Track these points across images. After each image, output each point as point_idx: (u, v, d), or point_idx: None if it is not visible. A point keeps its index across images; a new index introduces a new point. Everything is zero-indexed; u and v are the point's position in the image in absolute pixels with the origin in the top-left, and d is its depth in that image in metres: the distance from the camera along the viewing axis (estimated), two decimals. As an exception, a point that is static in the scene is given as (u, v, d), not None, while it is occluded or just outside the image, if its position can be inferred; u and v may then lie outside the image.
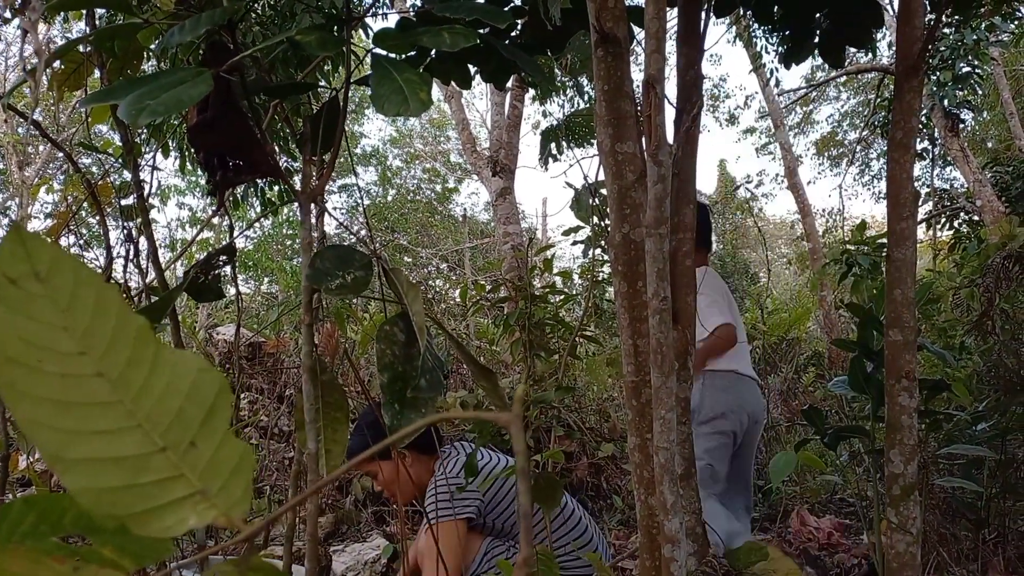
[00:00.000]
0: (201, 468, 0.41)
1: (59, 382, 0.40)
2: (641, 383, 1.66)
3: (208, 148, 0.98)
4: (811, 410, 2.44)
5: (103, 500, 0.39)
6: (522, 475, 0.36)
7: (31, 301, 0.41)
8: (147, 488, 0.40)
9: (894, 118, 1.77)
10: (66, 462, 0.39)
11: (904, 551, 1.62)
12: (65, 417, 0.40)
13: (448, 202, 23.11)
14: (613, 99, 1.62)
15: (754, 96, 20.41)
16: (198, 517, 0.40)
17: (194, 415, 0.42)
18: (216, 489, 0.41)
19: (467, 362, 0.92)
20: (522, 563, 0.34)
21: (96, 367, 0.41)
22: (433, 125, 23.64)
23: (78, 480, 0.39)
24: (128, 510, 0.39)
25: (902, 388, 1.67)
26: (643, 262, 1.60)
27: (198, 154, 0.99)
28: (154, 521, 0.40)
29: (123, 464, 0.40)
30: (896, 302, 1.70)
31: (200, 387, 0.43)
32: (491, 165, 7.36)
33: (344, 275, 0.93)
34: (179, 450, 0.41)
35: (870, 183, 18.32)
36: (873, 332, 2.34)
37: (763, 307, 5.90)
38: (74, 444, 0.39)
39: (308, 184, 1.02)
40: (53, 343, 0.41)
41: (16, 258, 0.41)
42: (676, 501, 1.50)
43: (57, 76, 1.97)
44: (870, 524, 2.98)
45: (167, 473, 0.41)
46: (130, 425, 0.41)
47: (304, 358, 1.00)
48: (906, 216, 1.70)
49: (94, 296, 0.43)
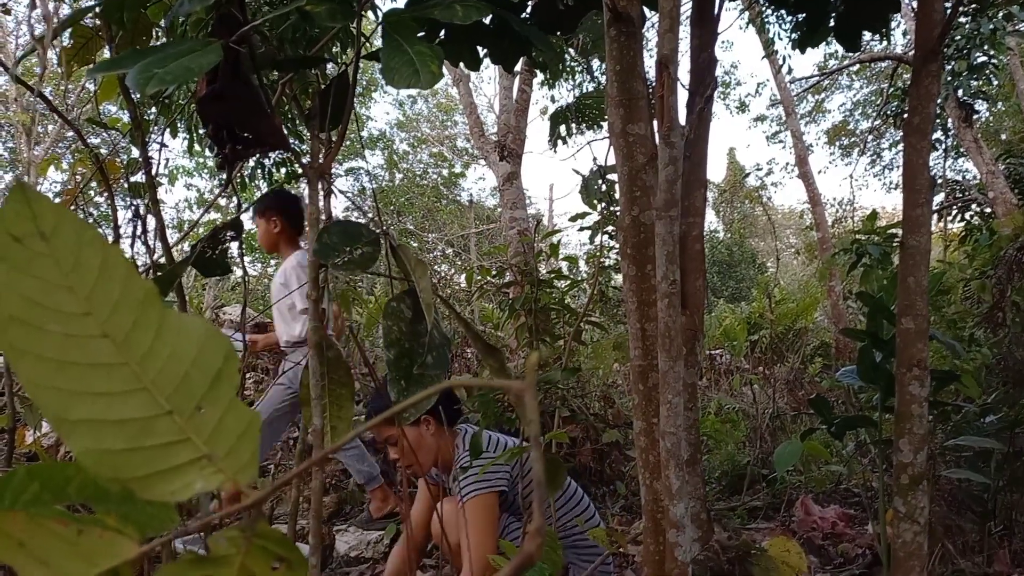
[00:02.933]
0: (208, 432, 0.40)
1: (62, 342, 0.39)
2: (648, 367, 1.65)
3: (216, 120, 0.97)
4: (818, 399, 2.43)
5: (107, 462, 0.38)
6: (535, 443, 0.35)
7: (35, 260, 0.40)
8: (152, 451, 0.39)
9: (911, 103, 1.74)
10: (69, 423, 0.38)
11: (911, 540, 1.61)
12: (68, 377, 0.39)
13: (454, 187, 23.06)
14: (625, 79, 1.60)
15: (765, 83, 20.31)
16: (204, 481, 0.39)
17: (200, 380, 0.41)
18: (223, 454, 0.40)
19: (473, 341, 0.91)
20: (535, 532, 0.32)
21: (101, 328, 0.40)
22: (440, 110, 23.56)
23: (81, 442, 0.38)
24: (132, 473, 0.38)
25: (913, 377, 1.66)
26: (652, 245, 1.59)
27: (206, 127, 0.98)
28: (159, 485, 0.39)
29: (127, 426, 0.39)
30: (909, 290, 1.68)
31: (207, 352, 0.42)
32: (498, 149, 7.33)
33: (351, 251, 0.92)
34: (185, 414, 0.40)
35: (881, 173, 18.19)
36: (883, 321, 2.32)
37: (771, 296, 5.87)
38: (77, 405, 0.38)
39: (316, 159, 1.01)
40: (57, 303, 0.40)
41: (20, 216, 0.40)
42: (682, 486, 1.49)
43: (66, 52, 1.95)
44: (875, 514, 2.97)
45: (172, 437, 0.39)
46: (135, 387, 0.40)
47: (311, 334, 0.99)
48: (921, 203, 1.68)
49: (99, 257, 0.42)
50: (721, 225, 23.59)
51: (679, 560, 1.46)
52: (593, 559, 2.29)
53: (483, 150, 8.10)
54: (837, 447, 4.24)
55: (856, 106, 19.00)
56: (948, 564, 2.59)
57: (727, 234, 22.79)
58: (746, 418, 4.93)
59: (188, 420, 0.40)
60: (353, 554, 2.98)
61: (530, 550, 0.33)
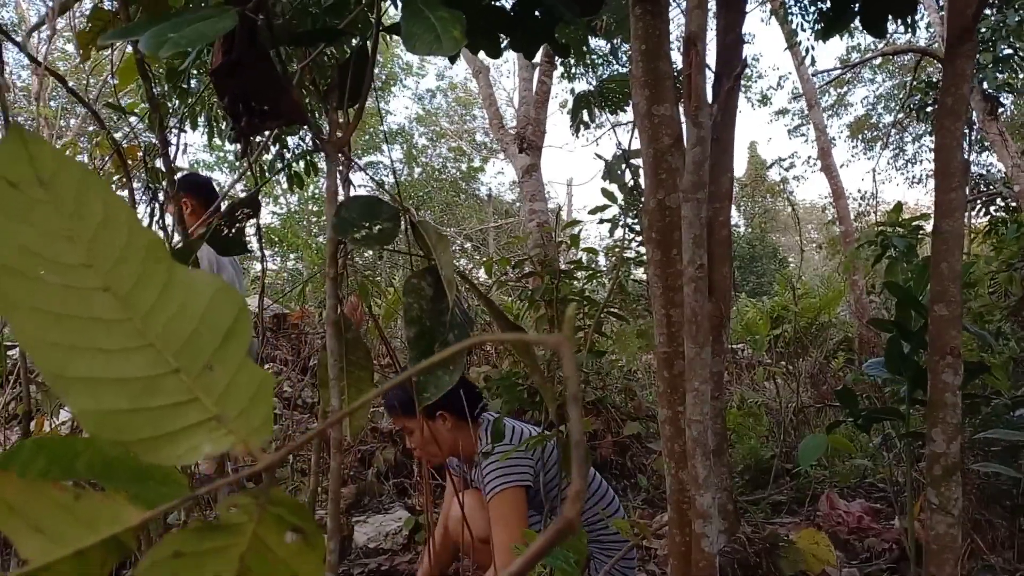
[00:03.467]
0: (218, 393, 0.37)
1: (61, 294, 0.36)
2: (673, 354, 1.61)
3: (233, 92, 0.94)
4: (844, 391, 2.38)
5: (109, 424, 0.35)
6: (572, 401, 0.32)
7: (32, 207, 0.37)
8: (157, 412, 0.36)
9: (944, 84, 1.69)
10: (67, 380, 0.35)
11: (945, 532, 1.56)
12: (67, 332, 0.36)
13: (473, 181, 23.04)
14: (650, 59, 1.57)
15: (787, 76, 20.12)
16: (213, 444, 0.36)
17: (210, 337, 0.38)
18: (234, 415, 0.37)
19: (496, 319, 0.88)
20: (574, 496, 0.29)
21: (103, 281, 0.37)
22: (459, 104, 23.55)
23: (81, 401, 0.35)
24: (136, 435, 0.36)
25: (946, 365, 1.61)
26: (678, 229, 1.55)
27: (222, 99, 0.96)
28: (165, 448, 0.36)
29: (131, 385, 0.36)
30: (942, 276, 1.64)
31: (217, 309, 0.39)
32: (518, 141, 7.29)
33: (370, 226, 0.89)
34: (193, 373, 0.37)
35: (904, 167, 17.99)
36: (911, 311, 2.27)
37: (794, 288, 5.80)
38: (77, 362, 0.36)
39: (335, 133, 0.98)
40: (55, 253, 0.37)
41: (17, 161, 0.37)
42: (709, 475, 1.46)
43: (84, 36, 1.94)
44: (902, 509, 2.92)
45: (180, 397, 0.36)
46: (139, 344, 0.37)
47: (328, 312, 0.96)
48: (955, 186, 1.63)
49: (102, 206, 0.39)
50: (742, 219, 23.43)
51: (706, 551, 1.42)
52: (616, 554, 2.26)
53: (502, 142, 8.06)
54: (862, 442, 4.18)
55: (879, 100, 18.79)
56: (977, 559, 2.53)
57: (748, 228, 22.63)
58: (769, 412, 4.87)
59: (196, 379, 0.37)
60: (372, 545, 2.96)
61: (570, 515, 0.30)
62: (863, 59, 13.65)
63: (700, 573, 1.42)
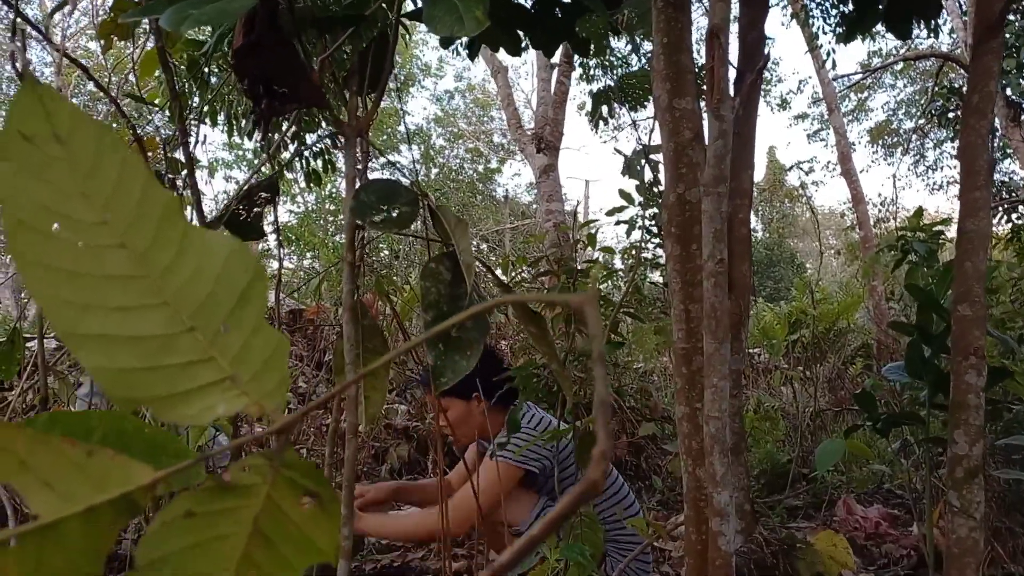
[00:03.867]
0: (232, 354, 0.36)
1: (75, 251, 0.35)
2: (692, 350, 1.60)
3: (252, 73, 0.94)
4: (863, 394, 2.36)
5: (123, 382, 0.35)
6: (598, 361, 0.31)
7: (48, 163, 0.36)
8: (171, 371, 0.35)
9: (970, 82, 1.67)
10: (80, 338, 0.34)
11: (966, 536, 1.54)
12: (81, 289, 0.35)
13: (490, 182, 23.04)
14: (672, 52, 1.55)
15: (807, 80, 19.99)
16: (227, 404, 0.35)
17: (226, 298, 0.37)
18: (248, 377, 0.36)
19: (514, 306, 0.86)
20: (599, 456, 0.28)
21: (118, 239, 0.36)
22: (477, 105, 23.57)
23: (95, 359, 0.34)
24: (150, 394, 0.35)
25: (970, 366, 1.59)
26: (698, 224, 1.53)
27: (242, 80, 0.95)
28: (179, 407, 0.35)
29: (145, 344, 0.35)
30: (967, 275, 1.61)
31: (233, 270, 0.38)
32: (536, 141, 7.28)
33: (389, 210, 0.89)
34: (208, 332, 0.36)
35: (924, 174, 17.83)
36: (933, 315, 2.24)
37: (813, 291, 5.75)
38: (90, 319, 0.35)
39: (354, 117, 0.98)
40: (70, 210, 0.36)
41: (33, 115, 0.36)
42: (726, 473, 1.44)
43: (106, 26, 1.94)
44: (920, 515, 2.88)
45: (194, 356, 0.36)
46: (154, 303, 0.36)
47: (345, 298, 0.95)
48: (980, 185, 1.61)
49: (119, 165, 0.38)
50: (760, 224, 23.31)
51: (722, 549, 1.40)
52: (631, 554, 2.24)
53: (520, 142, 8.05)
54: (880, 447, 4.14)
55: (900, 105, 18.64)
56: (998, 567, 2.50)
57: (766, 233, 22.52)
58: (785, 417, 4.83)
59: (211, 339, 0.36)
60: (384, 542, 2.96)
61: (594, 477, 0.29)
62: (884, 64, 13.55)
63: (716, 572, 1.40)
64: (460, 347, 0.85)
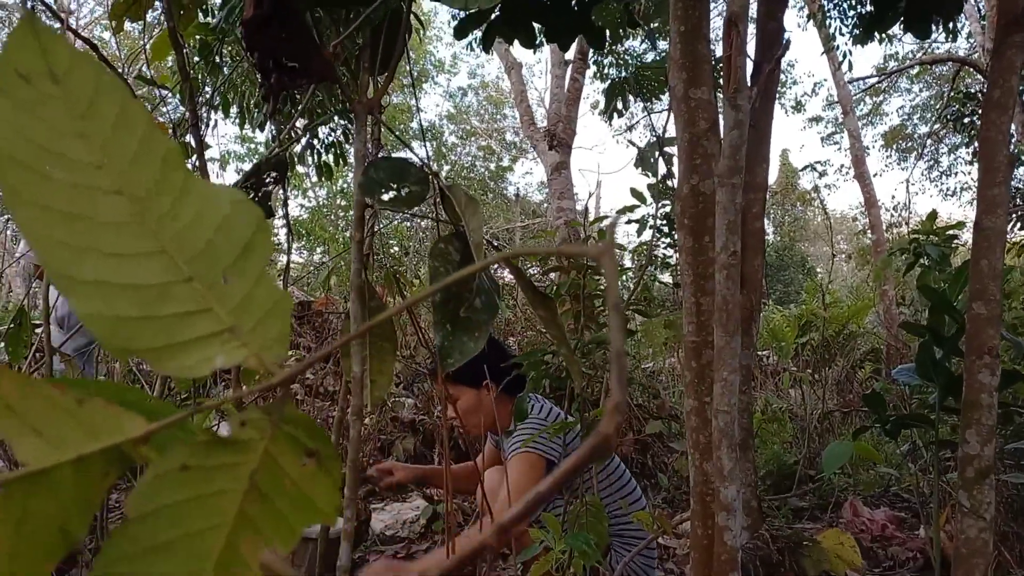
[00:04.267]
0: (232, 305, 0.35)
1: (70, 193, 0.34)
2: (702, 344, 1.58)
3: (263, 47, 0.92)
4: (873, 395, 2.33)
5: (119, 331, 0.33)
6: (615, 311, 0.29)
7: (43, 102, 0.35)
8: (169, 321, 0.34)
9: (991, 76, 1.64)
10: (74, 282, 0.33)
11: (976, 537, 1.51)
12: (75, 232, 0.34)
13: (501, 181, 23.03)
14: (689, 41, 1.53)
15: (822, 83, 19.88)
16: (226, 356, 0.34)
17: (227, 248, 0.36)
18: (248, 328, 0.35)
19: (525, 289, 0.85)
20: (613, 408, 0.27)
21: (115, 183, 0.35)
22: (490, 102, 23.56)
23: (88, 304, 0.33)
24: (146, 344, 0.33)
25: (983, 365, 1.56)
26: (711, 216, 1.51)
27: (252, 54, 0.94)
28: (176, 357, 0.34)
29: (141, 292, 0.34)
30: (982, 273, 1.59)
31: (235, 220, 0.37)
32: (548, 138, 7.26)
33: (399, 188, 0.87)
34: (207, 282, 0.35)
35: (938, 179, 17.73)
36: (945, 316, 2.21)
37: (824, 291, 5.71)
38: (85, 264, 0.33)
39: (365, 94, 0.96)
40: (65, 149, 0.35)
41: (29, 52, 0.35)
42: (734, 467, 1.42)
43: (118, 8, 1.93)
44: (927, 518, 2.86)
45: (192, 306, 0.34)
46: (151, 250, 0.35)
47: (353, 277, 0.94)
48: (999, 181, 1.58)
49: (117, 107, 0.37)
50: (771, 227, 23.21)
51: (728, 544, 1.39)
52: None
53: (533, 139, 8.03)
54: (887, 451, 4.11)
55: (915, 110, 18.53)
56: (1005, 572, 2.47)
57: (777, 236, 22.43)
58: (793, 419, 4.81)
59: (210, 290, 0.35)
60: (389, 532, 2.95)
61: (607, 430, 0.27)
62: (901, 67, 13.47)
63: (722, 566, 1.38)
64: (468, 328, 0.84)
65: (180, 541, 0.31)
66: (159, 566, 0.31)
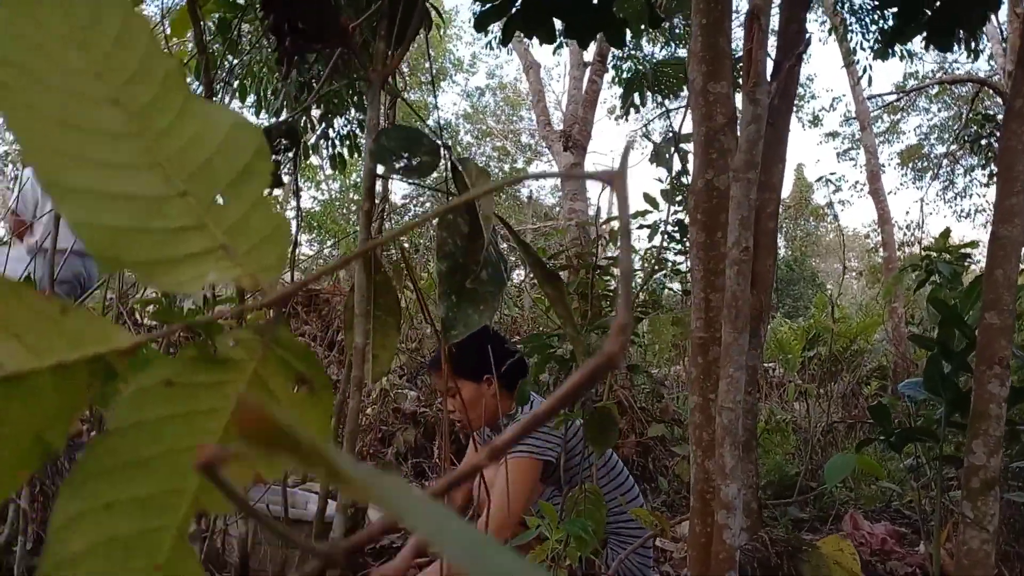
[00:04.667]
0: (228, 224, 0.34)
1: (65, 99, 0.33)
2: (710, 340, 1.56)
3: (278, 9, 0.91)
4: (878, 407, 2.31)
5: (109, 242, 0.32)
6: (624, 234, 0.28)
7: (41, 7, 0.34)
8: (161, 235, 0.33)
9: (1014, 85, 1.63)
10: (64, 189, 0.32)
11: (978, 548, 1.49)
12: (68, 139, 0.32)
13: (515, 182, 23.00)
14: (711, 34, 1.52)
15: (840, 98, 19.81)
16: (219, 274, 0.33)
17: (225, 169, 0.35)
18: (244, 249, 0.33)
19: (533, 267, 0.84)
20: (618, 327, 0.26)
21: (113, 94, 0.34)
22: (507, 103, 23.56)
23: (79, 213, 0.32)
24: (138, 256, 0.32)
25: (993, 375, 1.54)
26: (725, 212, 1.50)
27: (268, 15, 0.93)
28: (168, 272, 0.32)
29: (134, 203, 0.33)
30: (997, 283, 1.57)
31: (236, 142, 0.36)
32: (563, 140, 7.25)
33: (410, 157, 0.86)
34: (203, 200, 0.34)
35: (953, 200, 17.63)
36: (955, 330, 2.19)
37: (834, 303, 5.68)
38: (76, 172, 0.32)
39: (380, 62, 0.95)
40: (62, 56, 0.34)
41: (33, -40, 0.34)
42: (736, 465, 1.40)
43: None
44: (928, 535, 2.83)
45: (186, 221, 0.33)
46: (146, 162, 0.33)
47: (359, 247, 0.93)
48: (1017, 191, 1.56)
49: (119, 21, 0.36)
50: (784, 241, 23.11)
51: (727, 543, 1.37)
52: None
53: (548, 139, 8.02)
54: (890, 467, 4.08)
55: (932, 130, 18.43)
56: (1005, 592, 2.44)
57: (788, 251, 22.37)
58: (796, 431, 4.78)
59: (205, 207, 0.34)
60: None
61: (613, 349, 0.26)
62: (920, 85, 13.41)
63: (720, 565, 1.37)
64: (474, 300, 0.82)
65: (162, 457, 0.30)
66: (139, 481, 0.30)
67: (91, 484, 0.29)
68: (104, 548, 0.29)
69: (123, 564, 0.29)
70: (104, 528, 0.29)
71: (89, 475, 0.29)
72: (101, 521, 0.29)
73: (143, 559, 0.29)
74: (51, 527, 0.28)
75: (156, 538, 0.29)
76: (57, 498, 0.28)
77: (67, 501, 0.28)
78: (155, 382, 0.31)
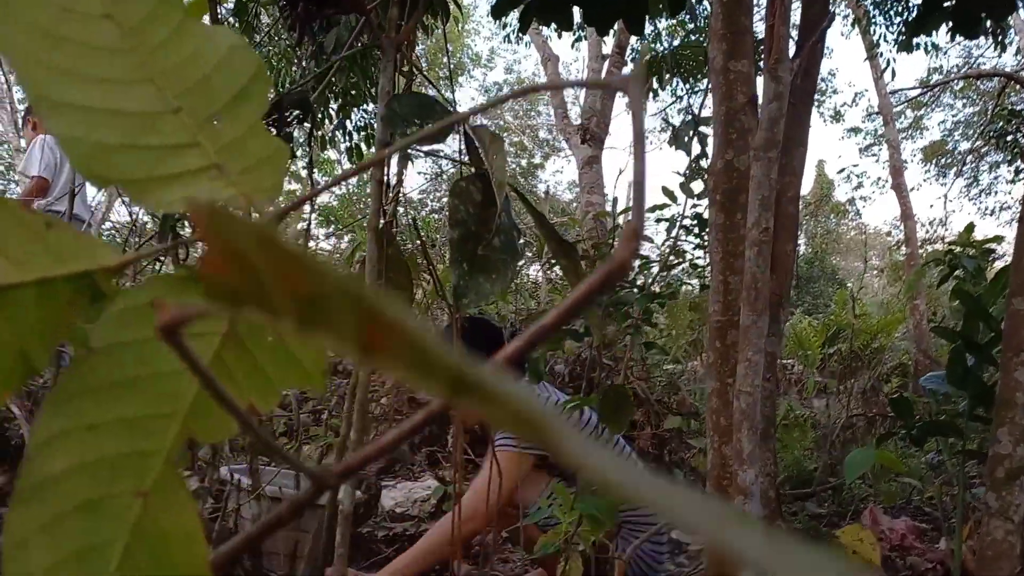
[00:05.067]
0: (222, 144, 0.32)
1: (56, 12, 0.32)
2: (728, 324, 1.54)
3: (293, -26, 0.90)
4: (900, 400, 2.28)
5: (99, 158, 0.31)
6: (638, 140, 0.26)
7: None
8: (152, 152, 0.31)
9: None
10: (53, 104, 0.31)
11: (1002, 539, 1.46)
12: (57, 52, 0.31)
13: (532, 178, 22.95)
14: (732, 11, 1.49)
15: (863, 93, 19.57)
16: (212, 193, 0.31)
17: (221, 90, 0.33)
18: (239, 170, 0.32)
19: (547, 238, 0.82)
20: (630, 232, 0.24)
21: (105, 8, 0.32)
22: (525, 99, 23.50)
23: (68, 128, 0.30)
24: (127, 174, 0.31)
25: (1020, 362, 1.51)
26: (745, 192, 1.47)
27: (282, -19, 0.92)
28: (158, 190, 0.31)
29: (125, 119, 0.31)
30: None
31: (233, 64, 0.34)
32: (581, 132, 7.22)
33: (422, 124, 0.84)
34: (196, 117, 0.32)
35: (977, 197, 17.40)
36: (979, 324, 2.15)
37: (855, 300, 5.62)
38: (67, 86, 0.31)
39: (393, 29, 0.94)
40: (53, -32, 0.32)
41: None
42: (754, 450, 1.38)
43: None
44: (950, 530, 2.79)
45: (179, 139, 0.32)
46: (140, 78, 0.32)
47: (371, 218, 0.92)
48: (1046, 174, 1.53)
49: (114, -63, 0.34)
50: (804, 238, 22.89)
51: (744, 529, 1.35)
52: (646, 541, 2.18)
53: (565, 132, 8.00)
54: (911, 463, 4.02)
55: (956, 126, 18.19)
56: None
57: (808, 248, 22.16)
58: (815, 427, 4.73)
59: (199, 125, 0.32)
60: (399, 510, 2.94)
61: (623, 256, 0.24)
62: (945, 79, 13.25)
63: (736, 551, 1.34)
64: (486, 268, 0.81)
65: (147, 380, 0.29)
66: (125, 402, 0.28)
67: (75, 402, 0.28)
68: (88, 468, 0.27)
69: (107, 486, 0.27)
70: (88, 448, 0.27)
71: (72, 393, 0.28)
72: (85, 440, 0.27)
73: (128, 482, 0.27)
74: (32, 444, 0.27)
75: (142, 462, 0.28)
76: (38, 415, 0.27)
77: (49, 419, 0.27)
78: (140, 302, 0.29)
